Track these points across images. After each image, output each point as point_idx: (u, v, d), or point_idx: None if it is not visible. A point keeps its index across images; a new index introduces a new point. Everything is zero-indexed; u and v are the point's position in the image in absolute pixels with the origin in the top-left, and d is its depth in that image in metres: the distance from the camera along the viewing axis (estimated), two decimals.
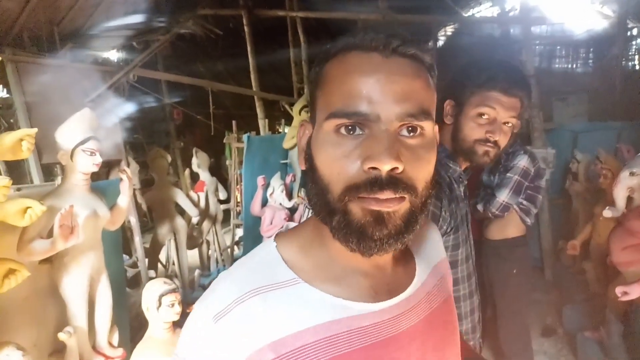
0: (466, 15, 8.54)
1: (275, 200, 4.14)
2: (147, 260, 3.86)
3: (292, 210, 4.24)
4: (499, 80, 1.30)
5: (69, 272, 1.98)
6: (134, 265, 4.16)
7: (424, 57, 0.58)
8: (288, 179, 4.37)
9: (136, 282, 3.80)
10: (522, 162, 2.34)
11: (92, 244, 2.06)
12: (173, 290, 2.05)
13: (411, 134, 0.55)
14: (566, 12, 7.70)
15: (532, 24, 4.96)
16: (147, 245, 4.21)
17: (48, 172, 2.89)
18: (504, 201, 2.29)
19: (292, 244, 0.63)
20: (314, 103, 0.61)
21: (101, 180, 3.00)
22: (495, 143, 1.34)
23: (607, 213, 2.72)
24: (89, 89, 3.00)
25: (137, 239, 3.41)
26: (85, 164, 1.98)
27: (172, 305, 2.02)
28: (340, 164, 0.54)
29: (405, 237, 0.56)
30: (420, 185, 0.55)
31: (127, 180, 2.20)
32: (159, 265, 4.35)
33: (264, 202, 4.22)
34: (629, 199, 2.68)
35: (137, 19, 3.56)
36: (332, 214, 0.55)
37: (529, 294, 2.68)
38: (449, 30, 8.98)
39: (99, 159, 2.00)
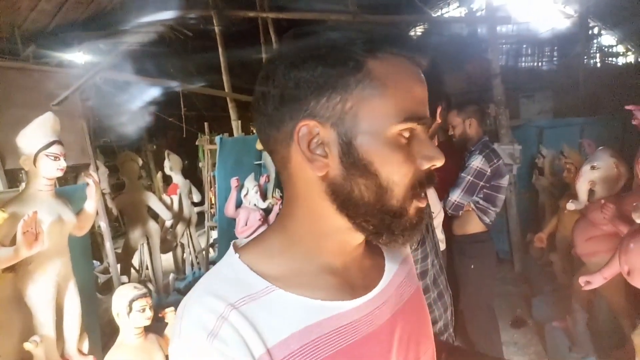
0: (435, 15, 8.68)
1: (250, 201, 4.12)
2: (119, 265, 3.79)
3: (267, 211, 4.23)
4: None
5: (34, 280, 1.94)
6: (106, 271, 4.08)
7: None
8: (262, 180, 4.36)
9: (108, 288, 3.73)
10: (475, 162, 2.41)
11: (58, 250, 2.02)
12: (143, 295, 2.02)
13: None
14: (531, 11, 7.92)
15: (497, 24, 5.07)
16: (120, 251, 4.14)
17: (13, 178, 2.81)
18: (455, 200, 2.35)
19: (256, 252, 0.61)
20: (344, 103, 0.55)
21: (68, 185, 2.93)
22: None
23: (570, 206, 2.82)
24: (54, 92, 2.92)
25: (108, 244, 3.35)
26: (49, 169, 1.94)
27: (143, 310, 2.00)
28: (407, 167, 0.56)
29: None
30: None
31: (93, 184, 2.16)
32: (132, 270, 4.28)
33: (238, 204, 4.20)
34: (591, 192, 2.78)
35: (105, 20, 3.49)
36: (385, 213, 0.57)
37: (492, 288, 2.75)
38: (419, 30, 9.13)
39: (63, 164, 1.96)
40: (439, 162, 0.57)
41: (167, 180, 5.24)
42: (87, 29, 3.51)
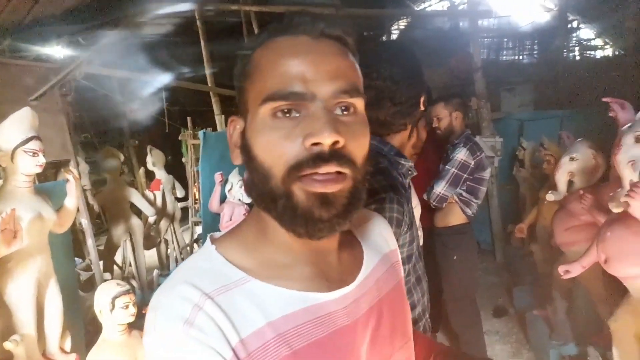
0: (418, 9, 8.72)
1: (234, 196, 4.11)
2: (102, 262, 3.75)
3: (251, 206, 4.20)
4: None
5: (13, 278, 1.90)
6: (88, 268, 4.03)
7: (347, 40, 0.60)
8: (246, 175, 4.35)
9: (90, 286, 3.69)
10: (460, 155, 2.45)
11: (38, 247, 1.99)
12: (127, 292, 2.00)
13: (345, 112, 0.56)
14: (511, 5, 8.00)
15: (479, 17, 5.13)
16: (102, 248, 4.10)
17: None
18: (440, 192, 2.38)
19: (232, 243, 0.61)
20: (243, 96, 0.60)
21: (47, 182, 2.88)
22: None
23: (550, 197, 2.88)
24: (32, 86, 2.87)
25: (89, 241, 3.30)
26: (28, 165, 1.90)
27: (127, 306, 1.97)
28: (281, 146, 0.54)
29: (351, 215, 0.56)
30: (359, 160, 0.56)
31: (73, 180, 2.13)
32: (115, 267, 4.24)
33: (223, 199, 4.18)
34: (570, 183, 2.84)
35: (84, 13, 3.43)
36: (275, 199, 0.55)
37: (474, 279, 2.80)
38: (402, 24, 9.16)
39: (42, 160, 1.93)
40: (322, 139, 0.52)
41: (150, 175, 5.18)
42: (65, 23, 3.44)
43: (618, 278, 2.07)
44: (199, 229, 5.23)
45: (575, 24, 7.78)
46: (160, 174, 4.69)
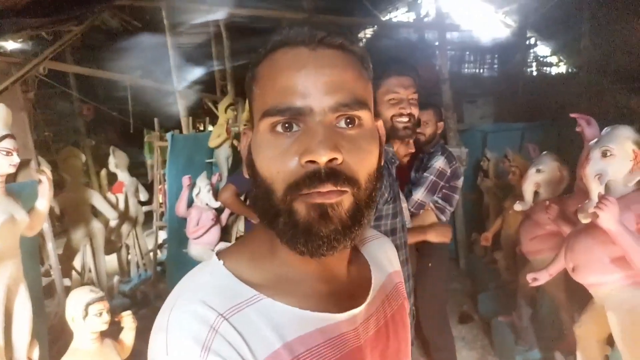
0: (384, 19, 8.87)
1: (202, 200, 4.02)
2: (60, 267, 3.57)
3: (219, 211, 4.15)
4: (391, 68, 1.65)
5: None
6: (47, 273, 3.83)
7: (352, 48, 0.57)
8: (214, 179, 4.27)
9: (49, 292, 3.51)
10: (439, 163, 2.50)
11: (9, 251, 1.88)
12: (100, 299, 1.93)
13: (349, 125, 0.54)
14: (473, 20, 8.28)
15: (446, 30, 5.27)
16: (60, 252, 3.90)
17: None
18: (418, 199, 2.43)
19: (240, 258, 0.59)
20: (251, 108, 0.59)
21: (11, 183, 2.72)
22: (410, 115, 1.67)
23: (518, 207, 2.98)
24: None
25: (49, 245, 3.14)
26: (1, 164, 1.80)
27: (100, 314, 1.90)
28: (278, 162, 0.52)
29: (352, 233, 0.54)
30: (362, 177, 0.54)
31: (47, 181, 2.03)
32: (74, 272, 4.05)
33: (190, 203, 4.09)
34: (536, 194, 2.96)
35: (47, 7, 3.26)
36: (277, 215, 0.54)
37: (446, 285, 2.87)
38: (369, 32, 9.29)
39: (16, 159, 1.83)
40: (316, 157, 0.50)
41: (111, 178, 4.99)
42: (29, 16, 3.26)
43: (583, 286, 2.17)
44: (163, 234, 5.08)
45: (533, 40, 8.15)
46: (123, 176, 4.53)
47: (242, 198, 3.15)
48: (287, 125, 0.53)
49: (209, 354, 0.48)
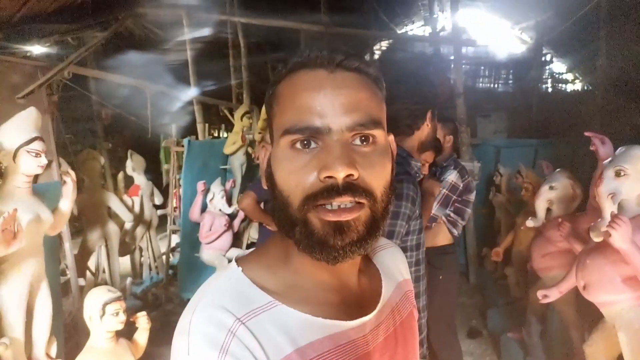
0: (400, 32, 8.95)
1: (215, 206, 4.09)
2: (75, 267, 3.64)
3: (232, 217, 4.21)
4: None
5: (7, 280, 1.85)
6: (62, 272, 3.91)
7: (368, 70, 0.61)
8: (228, 185, 4.33)
9: (65, 291, 3.57)
10: (451, 177, 2.54)
11: (33, 249, 1.94)
12: (118, 299, 1.98)
13: (364, 142, 0.57)
14: (490, 35, 8.32)
15: (462, 45, 5.30)
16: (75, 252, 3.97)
17: None
18: (431, 212, 2.46)
19: (258, 265, 0.62)
20: (270, 124, 0.63)
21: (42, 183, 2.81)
22: None
23: (530, 223, 2.99)
24: (19, 84, 2.80)
25: (66, 245, 3.22)
26: (30, 165, 1.87)
27: (117, 313, 1.95)
28: (297, 176, 0.56)
29: (367, 244, 0.57)
30: (378, 191, 0.57)
31: (71, 183, 2.09)
32: (88, 273, 4.12)
33: (204, 208, 4.15)
34: (548, 211, 2.97)
35: (74, 13, 3.37)
36: (293, 225, 0.57)
37: (456, 298, 2.87)
38: (384, 45, 9.37)
39: (44, 161, 1.90)
40: (334, 173, 0.53)
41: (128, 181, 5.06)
42: (55, 22, 3.38)
43: (593, 304, 2.16)
44: (176, 238, 5.15)
45: (548, 57, 8.16)
46: (140, 179, 4.61)
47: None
48: (305, 142, 0.56)
49: (226, 356, 0.51)
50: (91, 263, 4.15)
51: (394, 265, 0.77)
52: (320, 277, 0.62)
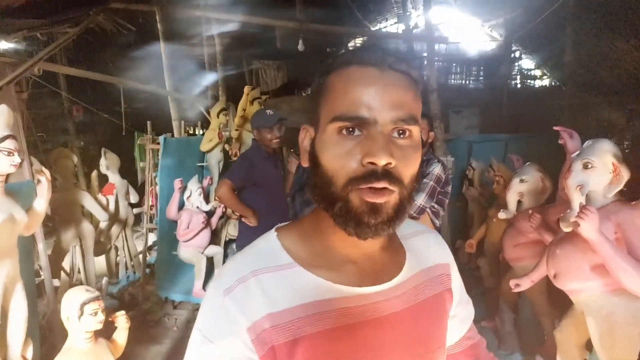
0: (374, 29, 9.02)
1: (193, 203, 4.06)
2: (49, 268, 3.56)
3: (210, 214, 4.19)
4: None
5: None
6: (36, 273, 3.81)
7: (412, 73, 0.68)
8: (205, 182, 4.30)
9: (39, 292, 3.49)
10: (437, 169, 2.61)
11: (7, 250, 1.90)
12: (96, 298, 1.96)
13: (401, 135, 0.64)
14: (461, 33, 8.47)
15: (435, 42, 5.39)
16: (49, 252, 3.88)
17: None
18: (421, 204, 2.52)
19: (291, 233, 0.72)
20: (317, 109, 0.69)
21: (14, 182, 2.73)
22: None
23: (502, 215, 3.09)
24: None
25: (40, 245, 3.14)
26: (2, 164, 1.83)
27: (95, 313, 1.93)
28: (343, 160, 0.63)
29: (395, 224, 0.65)
30: (407, 180, 0.64)
31: (45, 182, 2.05)
32: (63, 273, 4.04)
33: (181, 206, 4.12)
34: (519, 203, 3.07)
35: (43, 8, 3.28)
36: (334, 202, 0.64)
37: None
38: (358, 42, 9.43)
39: (17, 159, 1.86)
40: (377, 160, 0.60)
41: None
42: (24, 17, 3.28)
43: (563, 292, 2.26)
44: (152, 236, 5.09)
45: (518, 54, 8.37)
46: (114, 178, 4.53)
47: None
48: (351, 129, 0.63)
49: (226, 297, 0.64)
50: (66, 263, 4.07)
51: (426, 248, 0.83)
52: (347, 250, 0.70)
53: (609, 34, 6.15)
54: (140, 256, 4.76)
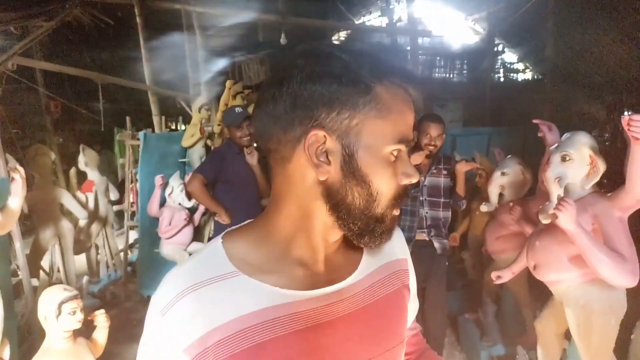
0: (357, 22, 9.00)
1: (175, 200, 4.01)
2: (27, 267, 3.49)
3: (192, 210, 4.14)
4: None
5: None
6: (14, 273, 3.74)
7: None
8: (187, 179, 4.25)
9: (17, 292, 3.43)
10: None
11: None
12: (74, 297, 1.92)
13: None
14: (445, 26, 8.49)
15: (418, 36, 5.40)
16: (27, 251, 3.81)
17: None
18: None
19: (239, 239, 0.68)
20: (351, 119, 0.62)
21: None
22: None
23: (484, 208, 3.10)
24: None
25: (17, 244, 3.07)
26: None
27: (74, 312, 1.89)
28: (391, 182, 0.64)
29: None
30: None
31: (20, 179, 2.00)
32: (42, 273, 3.96)
33: (162, 202, 4.06)
34: (501, 196, 3.09)
35: (17, 1, 3.19)
36: (369, 219, 0.65)
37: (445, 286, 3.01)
38: (342, 35, 9.40)
39: None
40: (415, 179, 0.66)
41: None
42: None
43: (543, 284, 2.28)
44: (134, 234, 5.02)
45: (500, 47, 8.42)
46: (93, 174, 4.46)
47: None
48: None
49: (163, 317, 0.61)
50: (44, 263, 4.00)
51: (386, 246, 0.77)
52: (297, 254, 0.67)
53: (589, 28, 6.21)
54: (122, 254, 4.70)
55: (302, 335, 0.63)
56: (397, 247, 0.84)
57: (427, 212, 2.82)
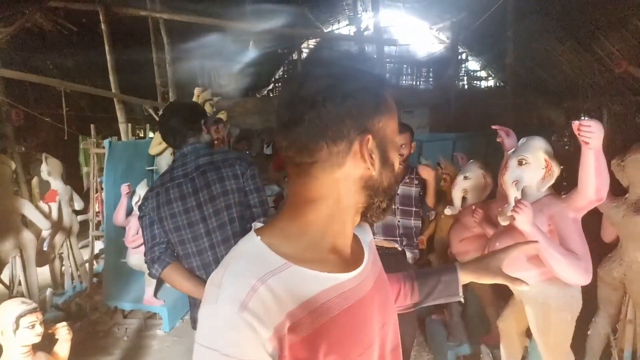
0: (326, 31, 9.09)
1: None
2: None
3: None
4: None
5: None
6: None
7: None
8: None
9: None
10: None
11: None
12: (33, 310, 1.87)
13: None
14: (410, 35, 8.68)
15: (385, 44, 5.51)
16: None
17: None
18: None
19: (275, 234, 0.77)
20: (378, 121, 0.76)
21: None
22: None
23: (447, 211, 3.19)
24: None
25: None
26: None
27: (33, 326, 1.85)
28: (397, 162, 0.80)
29: None
30: None
31: None
32: (1, 286, 3.83)
33: (129, 211, 4.00)
34: (464, 199, 3.18)
35: None
36: (389, 196, 0.80)
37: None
38: (312, 43, 9.48)
39: None
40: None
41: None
42: None
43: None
44: (99, 244, 4.91)
45: (464, 56, 8.67)
46: (57, 184, 4.34)
47: None
48: None
49: (244, 312, 0.64)
50: (4, 275, 3.87)
51: (363, 231, 0.95)
52: (329, 241, 0.78)
53: (546, 37, 6.48)
54: (87, 265, 4.59)
55: (351, 311, 0.75)
56: (368, 230, 0.99)
57: (399, 221, 2.86)
